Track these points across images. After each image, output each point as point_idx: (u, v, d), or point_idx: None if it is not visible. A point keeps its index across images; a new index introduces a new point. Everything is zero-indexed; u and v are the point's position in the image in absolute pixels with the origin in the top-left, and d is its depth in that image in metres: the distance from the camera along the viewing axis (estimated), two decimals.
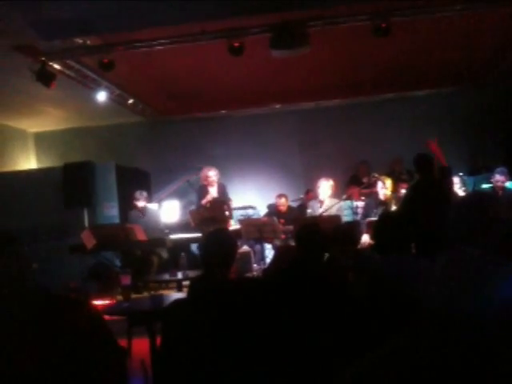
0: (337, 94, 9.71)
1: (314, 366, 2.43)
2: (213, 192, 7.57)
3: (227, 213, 7.46)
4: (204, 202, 7.52)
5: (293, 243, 6.06)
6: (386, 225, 3.01)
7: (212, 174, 7.53)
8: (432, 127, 9.74)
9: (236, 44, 6.13)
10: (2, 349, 1.78)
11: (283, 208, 8.15)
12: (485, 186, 7.83)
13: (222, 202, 7.48)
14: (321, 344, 2.49)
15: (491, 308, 1.26)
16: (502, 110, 9.30)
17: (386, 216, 3.40)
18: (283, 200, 8.19)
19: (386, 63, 8.08)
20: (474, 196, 2.37)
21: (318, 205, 7.23)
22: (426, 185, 5.64)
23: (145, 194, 7.77)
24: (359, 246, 5.06)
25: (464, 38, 7.16)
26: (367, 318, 2.48)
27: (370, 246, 5.99)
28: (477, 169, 8.98)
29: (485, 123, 9.46)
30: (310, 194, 8.53)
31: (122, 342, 2.90)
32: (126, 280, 4.41)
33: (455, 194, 6.68)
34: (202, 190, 7.65)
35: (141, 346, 4.05)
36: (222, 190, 7.68)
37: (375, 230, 3.13)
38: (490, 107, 9.45)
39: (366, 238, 6.32)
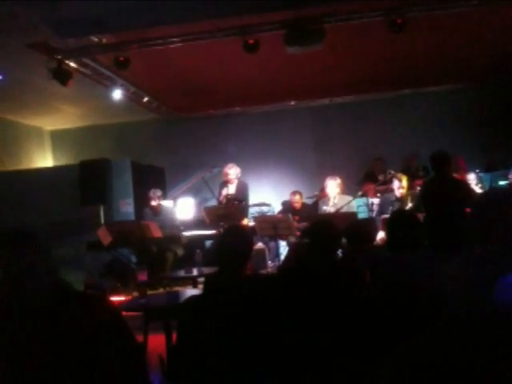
0: (351, 91, 9.66)
1: (315, 366, 2.43)
2: (231, 189, 7.56)
3: (240, 211, 7.45)
4: (220, 198, 7.57)
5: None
6: (397, 222, 2.99)
7: (230, 172, 7.51)
8: (446, 123, 9.69)
9: (251, 41, 6.13)
10: (21, 345, 1.81)
11: (298, 205, 8.15)
12: (502, 182, 7.76)
13: (236, 199, 7.48)
14: (320, 344, 2.48)
15: (492, 308, 1.26)
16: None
17: (398, 214, 3.37)
18: (298, 197, 8.19)
19: (401, 60, 8.02)
20: (489, 194, 2.35)
21: (328, 203, 7.20)
22: (440, 182, 5.56)
23: (158, 192, 7.73)
24: (375, 244, 5.02)
25: (478, 35, 7.09)
26: (369, 318, 2.47)
27: (383, 244, 5.97)
28: (493, 165, 8.89)
29: (501, 120, 9.36)
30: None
31: (139, 338, 2.95)
32: (143, 276, 4.46)
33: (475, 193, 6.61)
34: (221, 187, 7.70)
35: (157, 342, 4.09)
36: (241, 189, 7.61)
37: (387, 227, 3.11)
38: (505, 104, 9.35)
39: (381, 235, 6.30)
